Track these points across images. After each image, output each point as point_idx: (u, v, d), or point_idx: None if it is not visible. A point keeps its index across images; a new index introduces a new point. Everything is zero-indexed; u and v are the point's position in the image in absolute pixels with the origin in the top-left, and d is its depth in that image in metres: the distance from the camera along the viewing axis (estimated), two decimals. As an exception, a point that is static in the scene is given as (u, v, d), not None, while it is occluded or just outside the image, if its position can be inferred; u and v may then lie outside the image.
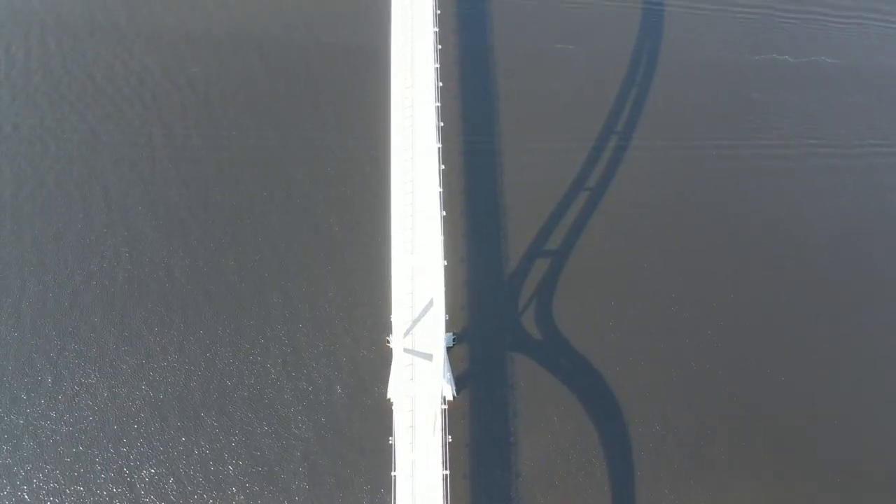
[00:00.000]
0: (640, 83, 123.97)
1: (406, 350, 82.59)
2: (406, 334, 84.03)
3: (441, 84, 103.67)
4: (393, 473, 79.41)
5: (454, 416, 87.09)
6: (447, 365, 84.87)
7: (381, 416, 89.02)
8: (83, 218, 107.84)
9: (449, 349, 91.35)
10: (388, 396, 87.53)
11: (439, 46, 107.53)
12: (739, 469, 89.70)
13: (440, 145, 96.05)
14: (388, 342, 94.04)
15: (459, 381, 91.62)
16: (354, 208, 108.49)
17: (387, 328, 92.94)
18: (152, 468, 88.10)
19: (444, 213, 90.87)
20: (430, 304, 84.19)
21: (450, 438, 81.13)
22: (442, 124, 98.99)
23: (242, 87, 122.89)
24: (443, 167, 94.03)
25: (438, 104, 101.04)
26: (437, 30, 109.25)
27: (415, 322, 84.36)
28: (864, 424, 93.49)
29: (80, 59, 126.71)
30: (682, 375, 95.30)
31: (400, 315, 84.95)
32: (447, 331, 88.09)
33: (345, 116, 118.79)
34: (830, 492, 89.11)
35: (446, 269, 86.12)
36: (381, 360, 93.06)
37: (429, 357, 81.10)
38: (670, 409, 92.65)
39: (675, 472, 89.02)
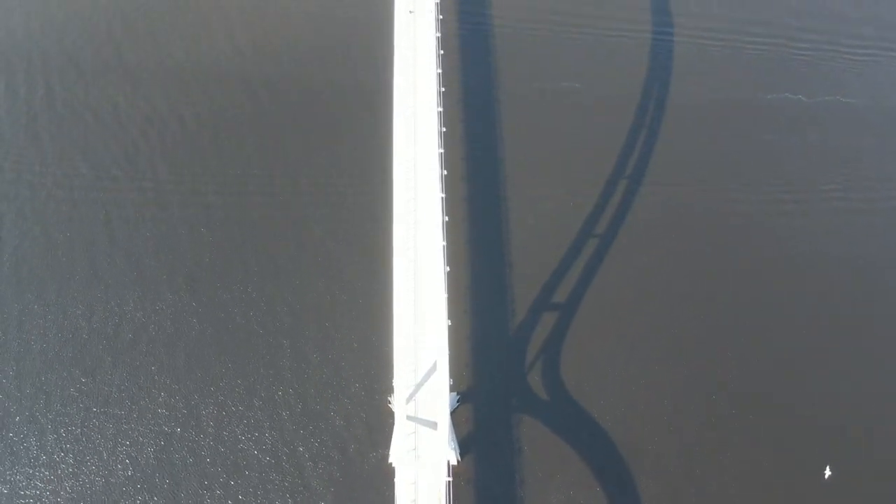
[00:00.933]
0: (648, 124, 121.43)
1: (409, 417, 79.14)
2: (409, 399, 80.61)
3: (445, 129, 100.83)
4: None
5: (458, 482, 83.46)
6: (451, 432, 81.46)
7: (381, 481, 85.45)
8: (88, 269, 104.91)
9: (453, 411, 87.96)
10: (391, 461, 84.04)
11: (442, 89, 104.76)
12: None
13: (443, 195, 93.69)
14: (390, 403, 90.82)
15: (463, 445, 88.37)
16: (359, 273, 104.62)
17: (389, 388, 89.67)
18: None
19: (447, 268, 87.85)
20: (434, 367, 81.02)
21: (454, 510, 77.66)
22: (445, 173, 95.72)
23: (251, 127, 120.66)
24: (446, 218, 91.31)
25: (442, 150, 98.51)
26: (441, 70, 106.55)
27: (418, 387, 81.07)
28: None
29: (83, 96, 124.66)
30: (694, 438, 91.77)
31: (403, 378, 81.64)
32: (451, 391, 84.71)
33: (347, 164, 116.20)
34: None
35: (450, 327, 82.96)
36: (382, 422, 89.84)
37: (433, 425, 77.72)
38: (681, 476, 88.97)
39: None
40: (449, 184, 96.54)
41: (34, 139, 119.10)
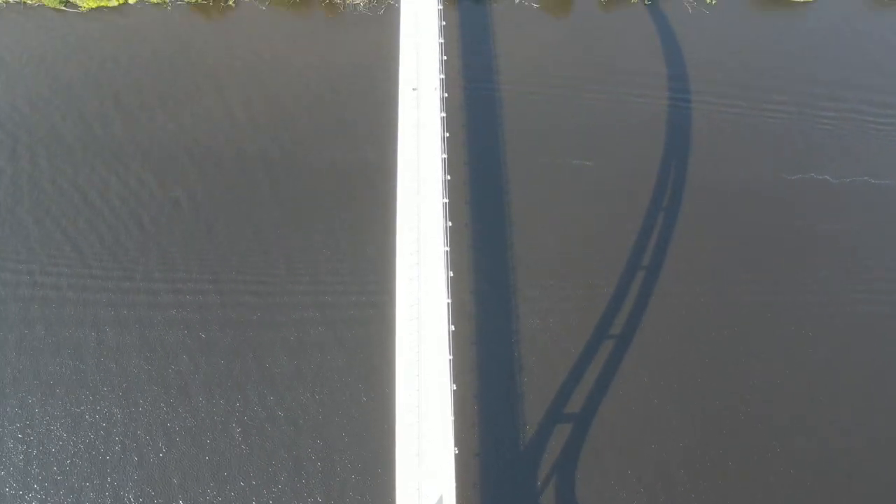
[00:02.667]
0: (664, 208, 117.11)
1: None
2: (411, 536, 75.54)
3: (450, 223, 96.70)
4: None
5: None
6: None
7: None
8: (73, 372, 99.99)
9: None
10: None
11: (448, 177, 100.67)
12: None
13: (449, 295, 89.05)
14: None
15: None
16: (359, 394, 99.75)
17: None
18: None
19: (454, 386, 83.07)
20: (441, 501, 76.08)
21: None
22: (451, 274, 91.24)
23: (249, 211, 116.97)
24: (453, 328, 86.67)
25: (447, 249, 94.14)
26: (446, 156, 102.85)
27: (421, 522, 75.95)
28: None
29: (71, 174, 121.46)
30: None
31: (405, 509, 76.71)
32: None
33: (347, 257, 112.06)
34: None
35: (457, 456, 78.16)
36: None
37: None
38: None
39: None
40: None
41: (18, 222, 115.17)
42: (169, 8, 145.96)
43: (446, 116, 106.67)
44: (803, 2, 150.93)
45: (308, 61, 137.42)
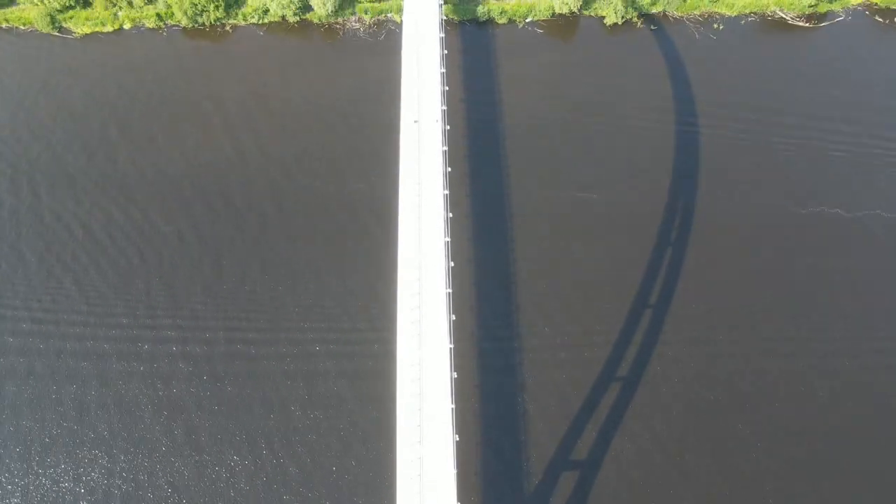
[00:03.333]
0: (672, 244, 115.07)
1: None
2: None
3: (453, 264, 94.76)
4: None
5: None
6: None
7: None
8: (76, 421, 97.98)
9: None
10: None
11: (450, 215, 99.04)
12: None
13: (452, 346, 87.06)
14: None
15: None
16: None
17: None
18: None
19: (457, 436, 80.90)
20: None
21: None
22: (454, 317, 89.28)
23: (255, 247, 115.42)
24: (455, 375, 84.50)
25: (450, 290, 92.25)
26: (448, 192, 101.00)
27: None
28: None
29: (73, 207, 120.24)
30: None
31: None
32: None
33: (357, 296, 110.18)
34: None
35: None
36: None
37: None
38: None
39: None
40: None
41: (20, 257, 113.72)
42: (164, 33, 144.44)
43: (448, 150, 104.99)
44: (811, 27, 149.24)
45: (307, 90, 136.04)
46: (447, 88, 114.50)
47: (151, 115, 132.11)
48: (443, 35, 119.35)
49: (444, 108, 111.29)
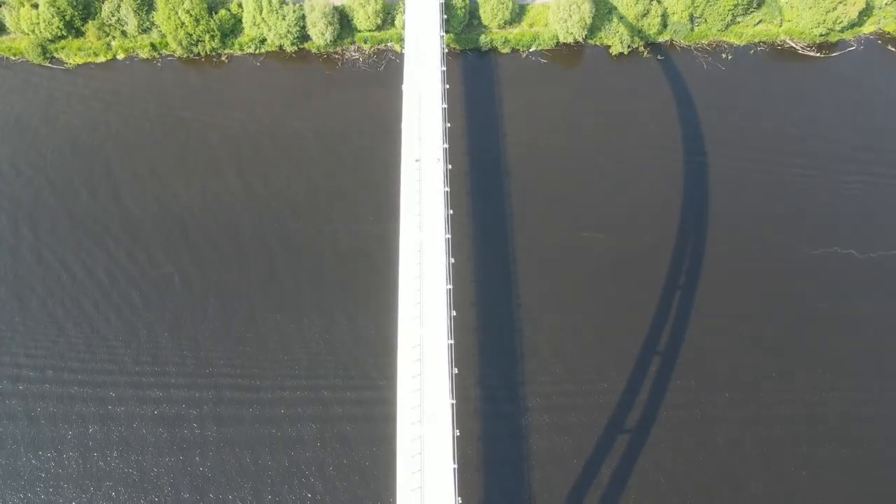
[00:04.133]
0: (681, 286, 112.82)
1: None
2: None
3: (455, 313, 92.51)
4: None
5: None
6: None
7: None
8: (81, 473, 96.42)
9: None
10: None
11: (452, 260, 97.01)
12: None
13: (453, 401, 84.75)
14: None
15: None
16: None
17: None
18: None
19: (459, 499, 78.49)
20: None
21: None
22: (456, 371, 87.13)
23: (262, 289, 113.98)
24: (457, 432, 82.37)
25: (451, 342, 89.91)
26: (450, 236, 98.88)
27: None
28: None
29: (75, 247, 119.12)
30: None
31: None
32: None
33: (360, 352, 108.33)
34: None
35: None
36: None
37: None
38: None
39: None
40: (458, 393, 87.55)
41: (20, 302, 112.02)
42: (159, 64, 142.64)
43: (450, 190, 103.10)
44: (822, 57, 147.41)
45: (305, 124, 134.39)
46: (449, 125, 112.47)
47: (153, 148, 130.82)
48: (444, 68, 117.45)
49: (446, 146, 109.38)
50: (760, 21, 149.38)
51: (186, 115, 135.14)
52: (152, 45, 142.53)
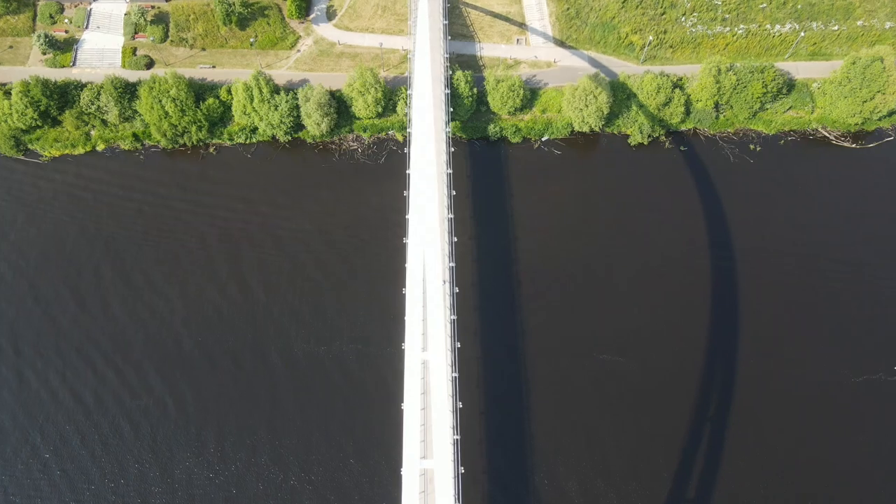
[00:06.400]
0: (711, 419, 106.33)
1: None
2: None
3: (462, 469, 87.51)
4: None
5: None
6: None
7: None
8: None
9: None
10: None
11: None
12: None
13: None
14: None
15: None
16: None
17: None
18: None
19: None
20: None
21: None
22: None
23: (261, 414, 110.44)
24: None
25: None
26: (457, 374, 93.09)
27: None
28: None
29: (60, 366, 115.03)
30: None
31: None
32: None
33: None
34: None
35: None
36: None
37: None
38: None
39: None
40: None
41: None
42: (142, 157, 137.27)
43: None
44: (857, 148, 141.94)
45: (303, 224, 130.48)
46: (456, 240, 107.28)
47: (124, 261, 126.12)
48: (450, 171, 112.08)
49: (453, 264, 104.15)
50: (790, 108, 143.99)
51: (171, 215, 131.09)
52: (135, 135, 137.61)
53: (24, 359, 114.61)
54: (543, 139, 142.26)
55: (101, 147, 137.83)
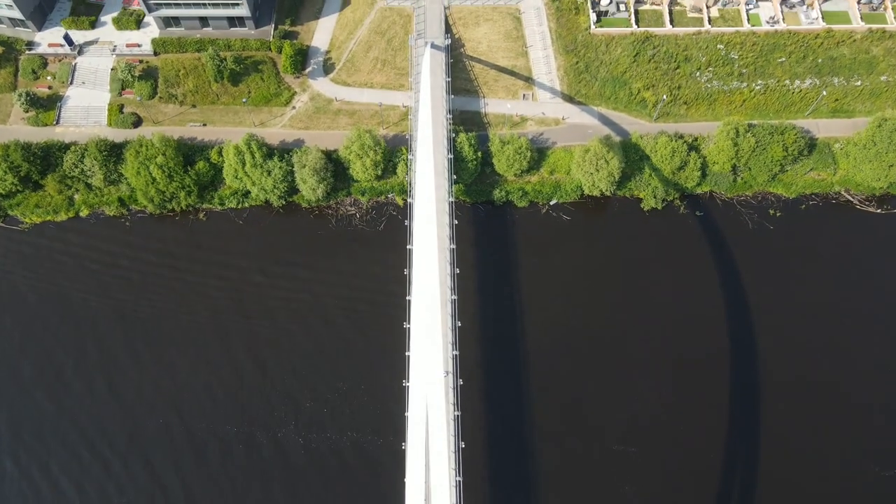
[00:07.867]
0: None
1: None
2: None
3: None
4: None
5: None
6: None
7: None
8: None
9: None
10: None
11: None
12: None
13: None
14: None
15: None
16: None
17: None
18: None
19: None
20: None
21: None
22: None
23: None
24: None
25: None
26: (461, 479, 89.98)
27: None
28: None
29: (24, 459, 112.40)
30: None
31: None
32: None
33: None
34: None
35: None
36: None
37: None
38: None
39: None
40: None
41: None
42: (128, 223, 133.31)
43: (459, 408, 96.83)
44: (883, 213, 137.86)
45: (299, 298, 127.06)
46: (459, 324, 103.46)
47: (108, 343, 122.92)
48: (453, 246, 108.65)
49: (456, 352, 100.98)
50: (812, 169, 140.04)
51: (158, 289, 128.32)
52: (120, 199, 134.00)
53: (3, 452, 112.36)
54: (552, 203, 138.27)
55: (84, 213, 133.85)
